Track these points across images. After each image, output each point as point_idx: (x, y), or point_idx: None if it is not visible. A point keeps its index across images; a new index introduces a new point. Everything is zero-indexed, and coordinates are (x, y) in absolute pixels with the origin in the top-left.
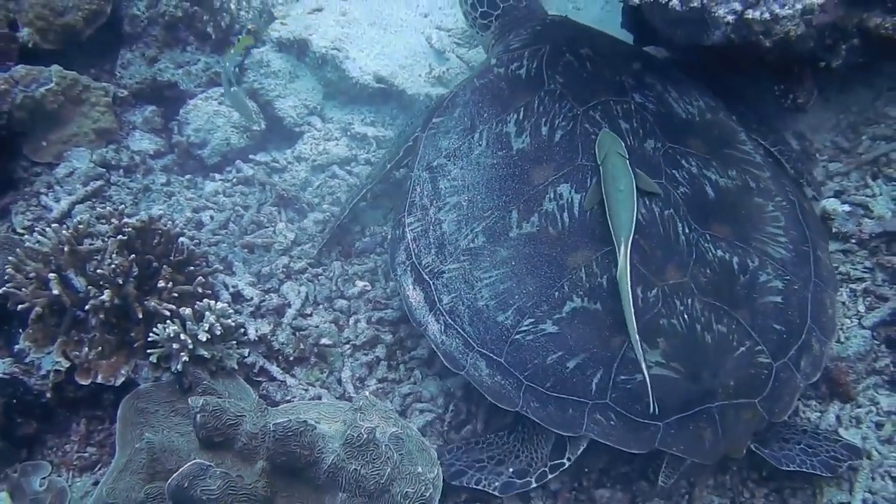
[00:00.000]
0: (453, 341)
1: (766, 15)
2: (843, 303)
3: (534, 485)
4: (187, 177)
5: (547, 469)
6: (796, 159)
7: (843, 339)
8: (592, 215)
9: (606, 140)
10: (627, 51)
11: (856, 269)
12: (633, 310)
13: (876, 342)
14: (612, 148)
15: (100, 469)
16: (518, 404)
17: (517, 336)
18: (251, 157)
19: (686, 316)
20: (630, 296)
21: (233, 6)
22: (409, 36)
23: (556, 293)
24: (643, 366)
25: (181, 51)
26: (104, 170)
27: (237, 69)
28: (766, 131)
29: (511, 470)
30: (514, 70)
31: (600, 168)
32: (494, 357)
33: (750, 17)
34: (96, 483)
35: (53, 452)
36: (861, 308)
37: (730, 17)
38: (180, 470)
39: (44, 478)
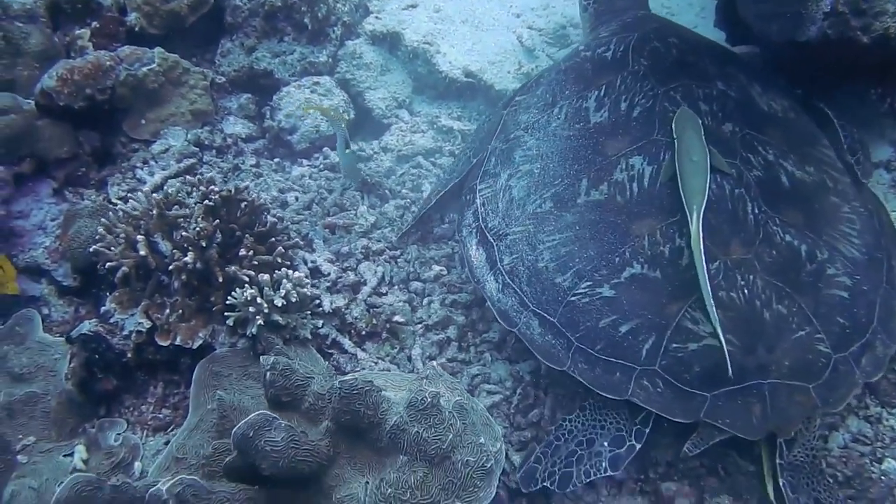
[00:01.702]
0: (510, 300)
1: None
2: None
3: (637, 446)
4: (276, 160)
5: (639, 424)
6: (855, 140)
7: None
8: (661, 187)
9: (684, 116)
10: (715, 45)
11: None
12: (707, 276)
13: None
14: (688, 123)
15: (173, 430)
16: (566, 364)
17: (573, 298)
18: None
19: (746, 291)
20: (704, 263)
21: None
22: (500, 34)
23: (617, 258)
24: (718, 329)
25: (278, 41)
26: (197, 149)
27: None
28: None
29: (606, 443)
30: (600, 53)
31: (675, 142)
32: (548, 317)
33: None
34: (168, 443)
35: (130, 412)
36: None
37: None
38: (247, 419)
39: (119, 434)
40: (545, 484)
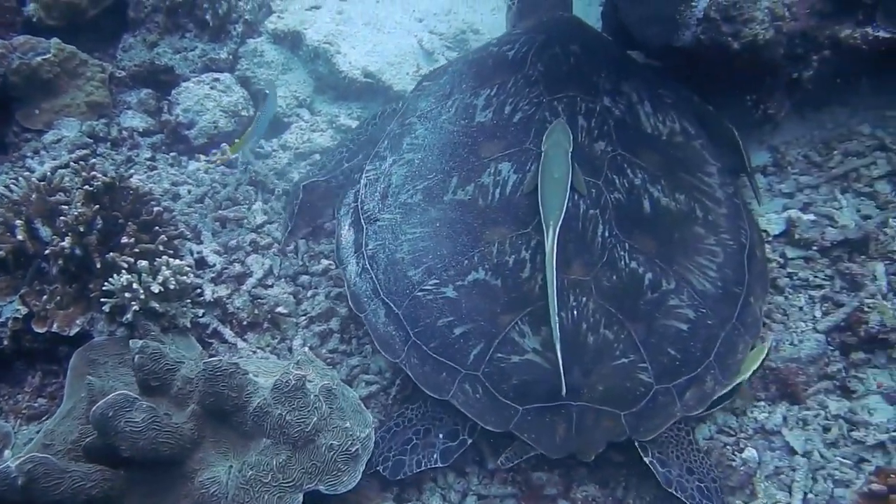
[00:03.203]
0: (365, 285)
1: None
2: (800, 307)
3: (469, 441)
4: (172, 154)
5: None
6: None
7: (796, 342)
8: (520, 197)
9: (556, 130)
10: (621, 58)
11: (816, 276)
12: (556, 294)
13: (830, 347)
14: (558, 138)
15: (47, 419)
16: (400, 357)
17: (419, 293)
18: (237, 140)
19: (575, 312)
20: (554, 280)
21: None
22: (401, 37)
23: (466, 261)
24: (558, 347)
25: (180, 37)
26: (91, 140)
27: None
28: None
29: (441, 435)
30: (504, 50)
31: (542, 155)
32: (394, 308)
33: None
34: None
35: (5, 401)
36: (818, 314)
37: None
38: (106, 399)
39: None
40: (378, 468)
